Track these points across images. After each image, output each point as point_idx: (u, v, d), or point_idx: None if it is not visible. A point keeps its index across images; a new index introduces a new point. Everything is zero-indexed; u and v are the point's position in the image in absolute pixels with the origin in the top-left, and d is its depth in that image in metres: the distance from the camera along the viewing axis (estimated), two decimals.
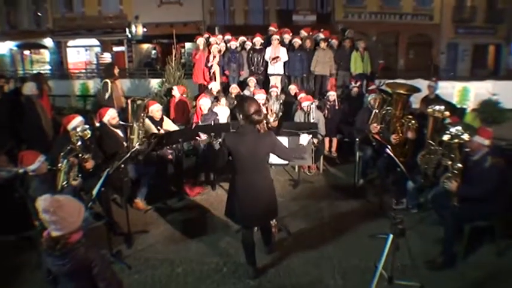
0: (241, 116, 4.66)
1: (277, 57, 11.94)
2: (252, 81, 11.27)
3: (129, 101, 7.65)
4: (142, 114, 7.59)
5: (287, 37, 12.64)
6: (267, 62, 12.24)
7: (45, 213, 2.96)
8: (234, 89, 11.05)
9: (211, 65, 12.06)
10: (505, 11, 30.90)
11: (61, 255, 3.01)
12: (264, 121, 5.03)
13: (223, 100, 9.80)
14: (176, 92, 10.31)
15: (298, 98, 9.81)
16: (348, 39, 12.99)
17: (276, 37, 12.18)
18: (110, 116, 7.10)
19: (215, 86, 10.75)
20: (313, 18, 28.33)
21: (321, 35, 12.92)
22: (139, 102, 7.54)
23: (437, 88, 10.01)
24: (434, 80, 10.30)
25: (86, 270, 3.08)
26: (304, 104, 9.07)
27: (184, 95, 10.64)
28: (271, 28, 13.43)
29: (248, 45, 12.70)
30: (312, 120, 8.99)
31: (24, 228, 5.68)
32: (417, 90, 7.45)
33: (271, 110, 9.37)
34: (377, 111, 7.93)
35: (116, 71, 10.27)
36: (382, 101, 8.01)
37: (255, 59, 12.35)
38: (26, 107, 8.97)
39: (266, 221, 5.35)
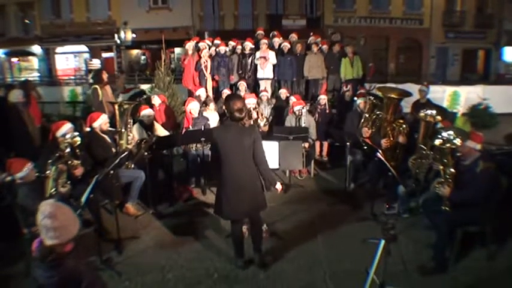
0: (227, 112, 5.04)
1: (264, 57, 11.95)
2: (242, 85, 11.26)
3: (115, 106, 7.57)
4: (130, 120, 7.55)
5: (277, 41, 12.66)
6: (255, 67, 12.23)
7: (49, 219, 2.88)
8: (225, 94, 10.99)
9: (202, 70, 12.01)
10: (494, 16, 31.24)
11: (50, 267, 2.92)
12: (249, 119, 5.49)
13: (211, 105, 9.74)
14: (157, 100, 10.08)
15: (291, 102, 9.79)
16: (337, 44, 13.05)
17: (264, 41, 12.20)
18: (103, 121, 7.02)
19: (202, 92, 10.64)
20: (302, 22, 28.36)
21: (313, 39, 12.96)
22: (126, 106, 7.50)
23: (428, 92, 10.05)
24: (426, 84, 10.33)
25: (75, 283, 3.00)
26: (296, 108, 9.05)
27: (166, 102, 10.37)
28: (260, 32, 13.46)
29: (238, 49, 12.71)
30: (303, 125, 8.98)
31: (12, 237, 5.60)
32: (408, 94, 7.46)
33: (262, 114, 9.28)
34: (367, 115, 7.92)
35: (105, 76, 10.20)
36: (372, 105, 7.97)
37: (244, 64, 12.38)
38: (12, 115, 8.88)
39: (254, 213, 5.31)
